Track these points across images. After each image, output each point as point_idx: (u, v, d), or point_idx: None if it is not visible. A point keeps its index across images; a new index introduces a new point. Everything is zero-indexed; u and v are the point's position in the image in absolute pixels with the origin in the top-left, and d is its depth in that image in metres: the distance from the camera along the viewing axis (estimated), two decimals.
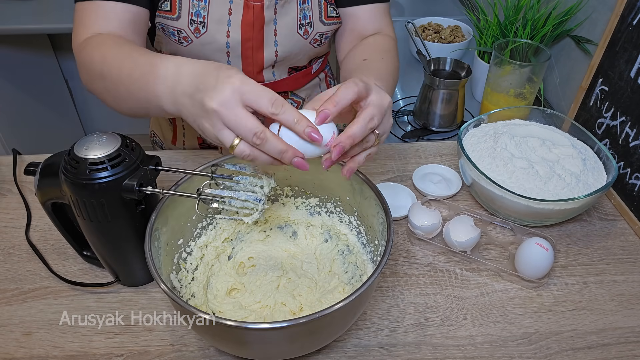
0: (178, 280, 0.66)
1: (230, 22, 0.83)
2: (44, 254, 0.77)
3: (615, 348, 0.66)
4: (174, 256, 0.67)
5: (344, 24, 0.94)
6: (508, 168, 0.81)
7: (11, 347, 0.66)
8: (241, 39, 0.85)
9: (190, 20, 0.82)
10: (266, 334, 0.53)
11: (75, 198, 0.60)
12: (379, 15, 0.93)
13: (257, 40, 0.86)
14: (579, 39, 1.10)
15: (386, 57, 0.83)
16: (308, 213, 0.78)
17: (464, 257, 0.77)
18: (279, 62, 0.91)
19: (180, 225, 0.69)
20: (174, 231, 0.67)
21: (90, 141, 0.60)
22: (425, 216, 0.78)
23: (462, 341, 0.67)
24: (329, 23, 0.91)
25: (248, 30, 0.85)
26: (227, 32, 0.84)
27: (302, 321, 0.51)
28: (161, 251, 0.62)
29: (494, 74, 1.09)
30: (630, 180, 0.85)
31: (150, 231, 0.60)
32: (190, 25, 0.82)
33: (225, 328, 0.52)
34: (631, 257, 0.79)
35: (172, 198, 0.64)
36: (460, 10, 1.62)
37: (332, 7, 0.90)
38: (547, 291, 0.74)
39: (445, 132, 1.20)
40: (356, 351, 0.66)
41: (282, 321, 0.51)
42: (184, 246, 0.70)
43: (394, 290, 0.73)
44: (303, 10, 0.87)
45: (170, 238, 0.66)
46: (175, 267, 0.66)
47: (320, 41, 0.92)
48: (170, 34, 0.84)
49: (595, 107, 0.95)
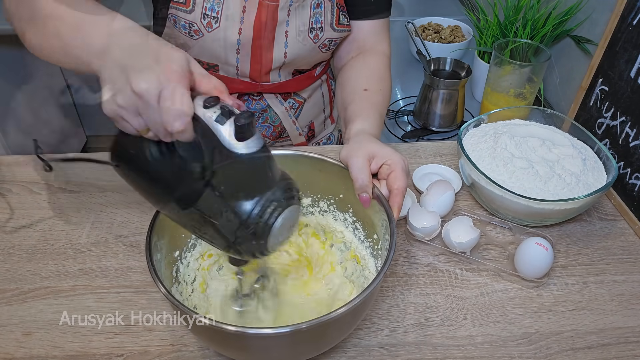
0: (180, 293, 0.65)
1: (243, 19, 0.84)
2: (44, 254, 0.77)
3: (615, 348, 0.66)
4: (172, 269, 0.66)
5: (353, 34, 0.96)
6: (508, 168, 0.81)
7: (11, 347, 0.66)
8: (253, 37, 0.86)
9: (204, 14, 0.82)
10: (268, 339, 0.52)
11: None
12: (379, 29, 0.97)
13: (267, 40, 0.87)
14: (579, 39, 1.11)
15: (383, 88, 0.90)
16: (301, 214, 0.78)
17: (464, 258, 0.77)
18: (287, 63, 0.92)
19: (175, 237, 0.67)
20: (170, 243, 0.65)
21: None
22: (424, 218, 0.78)
23: (462, 341, 0.67)
24: (339, 30, 0.92)
25: (260, 29, 0.85)
26: (239, 30, 0.84)
27: (304, 327, 0.49)
28: (162, 264, 0.61)
29: (494, 74, 1.10)
30: (630, 180, 0.85)
31: (149, 242, 0.58)
32: (203, 19, 0.83)
33: (225, 334, 0.51)
34: (631, 257, 0.79)
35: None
36: (460, 10, 1.62)
37: (344, 15, 0.91)
38: (547, 291, 0.74)
39: (445, 132, 1.20)
40: (356, 351, 0.66)
41: (284, 326, 0.50)
42: (180, 258, 0.68)
43: (394, 291, 0.73)
44: (316, 15, 0.88)
45: (168, 250, 0.65)
46: (175, 279, 0.65)
47: (328, 47, 0.93)
48: (182, 26, 0.84)
49: (595, 107, 0.95)
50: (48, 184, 0.89)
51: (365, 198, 0.65)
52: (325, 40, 0.91)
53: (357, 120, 0.80)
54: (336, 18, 0.90)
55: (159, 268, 0.58)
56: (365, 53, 0.97)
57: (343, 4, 0.92)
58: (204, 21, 0.83)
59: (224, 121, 0.45)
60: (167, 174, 0.52)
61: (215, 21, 0.83)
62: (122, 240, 0.80)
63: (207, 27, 0.83)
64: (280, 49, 0.89)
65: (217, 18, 0.83)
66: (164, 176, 0.52)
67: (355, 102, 0.85)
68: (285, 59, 0.90)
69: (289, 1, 0.85)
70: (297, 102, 1.03)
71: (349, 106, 0.85)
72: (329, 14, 0.89)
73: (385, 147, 0.69)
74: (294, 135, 1.06)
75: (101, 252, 0.78)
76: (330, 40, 0.92)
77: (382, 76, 0.93)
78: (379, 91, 0.89)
